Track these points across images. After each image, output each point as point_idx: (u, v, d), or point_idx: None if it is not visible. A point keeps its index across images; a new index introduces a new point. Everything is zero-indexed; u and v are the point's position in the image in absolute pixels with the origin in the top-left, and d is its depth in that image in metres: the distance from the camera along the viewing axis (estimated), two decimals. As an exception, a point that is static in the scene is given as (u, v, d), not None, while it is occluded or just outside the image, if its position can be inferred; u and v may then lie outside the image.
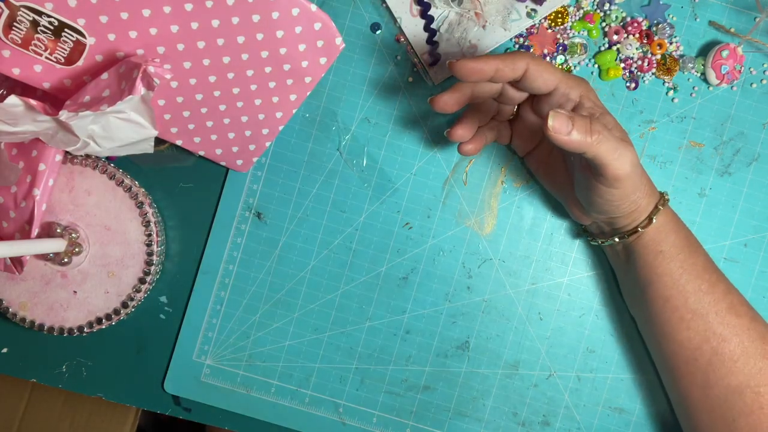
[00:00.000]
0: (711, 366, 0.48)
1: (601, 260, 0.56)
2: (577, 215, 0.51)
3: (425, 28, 0.53)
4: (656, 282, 0.49)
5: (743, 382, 0.47)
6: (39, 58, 0.43)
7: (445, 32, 0.52)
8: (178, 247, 0.57)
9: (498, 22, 0.52)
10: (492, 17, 0.51)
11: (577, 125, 0.41)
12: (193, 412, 0.58)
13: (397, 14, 0.52)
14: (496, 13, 0.51)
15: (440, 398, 0.56)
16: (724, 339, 0.47)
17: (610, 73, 0.54)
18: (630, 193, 0.45)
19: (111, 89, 0.43)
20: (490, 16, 0.51)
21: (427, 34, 0.53)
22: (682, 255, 0.48)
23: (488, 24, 0.52)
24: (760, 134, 0.54)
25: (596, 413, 0.56)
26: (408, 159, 0.56)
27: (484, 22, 0.51)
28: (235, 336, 0.57)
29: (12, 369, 0.58)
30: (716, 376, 0.47)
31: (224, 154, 0.53)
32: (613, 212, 0.47)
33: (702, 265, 0.48)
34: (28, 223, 0.49)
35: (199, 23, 0.44)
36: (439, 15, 0.52)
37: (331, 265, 0.56)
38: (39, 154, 0.49)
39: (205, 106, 0.49)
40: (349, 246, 0.56)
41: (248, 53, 0.47)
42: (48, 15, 0.42)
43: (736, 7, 0.53)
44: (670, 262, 0.48)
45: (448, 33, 0.52)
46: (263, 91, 0.50)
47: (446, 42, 0.53)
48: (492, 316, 0.56)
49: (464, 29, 0.52)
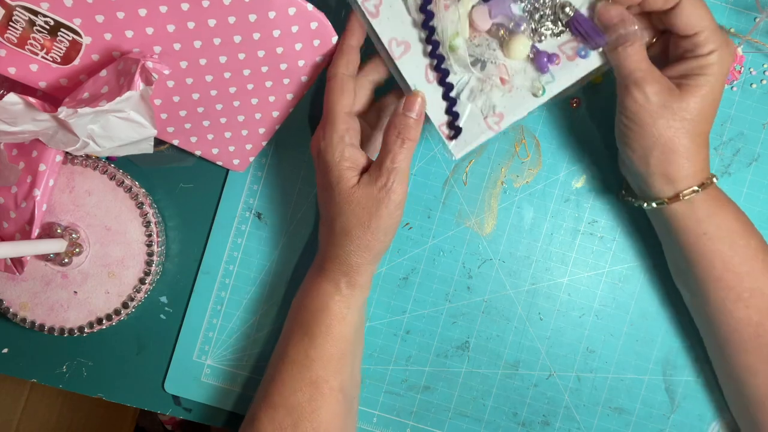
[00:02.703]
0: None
1: (602, 260, 0.56)
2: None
3: (444, 97, 0.46)
4: (704, 263, 0.48)
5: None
6: (35, 58, 0.43)
7: (466, 99, 0.46)
8: (178, 247, 0.57)
9: (527, 86, 0.46)
10: (520, 81, 0.45)
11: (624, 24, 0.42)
12: (193, 412, 0.58)
13: (411, 81, 0.46)
14: (525, 77, 0.45)
15: (440, 398, 0.56)
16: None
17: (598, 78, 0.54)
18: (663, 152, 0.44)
19: (109, 85, 0.43)
20: (516, 80, 0.45)
21: (446, 103, 0.46)
22: (731, 237, 0.47)
23: (515, 89, 0.46)
24: (760, 134, 0.54)
25: (596, 413, 0.56)
26: (408, 159, 0.56)
27: (511, 87, 0.45)
28: (236, 336, 0.57)
29: (12, 369, 0.58)
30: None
31: (221, 154, 0.53)
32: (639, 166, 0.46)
33: (756, 245, 0.47)
34: (29, 223, 0.49)
35: (195, 23, 0.44)
36: (458, 81, 0.46)
37: (332, 265, 0.56)
38: (39, 154, 0.49)
39: (202, 106, 0.49)
40: (350, 246, 0.56)
41: (245, 52, 0.47)
42: (44, 15, 0.42)
43: (736, 7, 0.53)
44: (718, 244, 0.47)
45: (469, 100, 0.46)
46: (260, 91, 0.50)
47: (467, 111, 0.46)
48: (492, 316, 0.56)
49: (487, 96, 0.46)
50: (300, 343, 0.49)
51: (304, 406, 0.48)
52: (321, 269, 0.49)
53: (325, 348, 0.48)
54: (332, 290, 0.48)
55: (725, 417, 0.55)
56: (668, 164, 0.45)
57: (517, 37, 0.45)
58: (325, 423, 0.48)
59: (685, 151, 0.45)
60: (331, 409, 0.48)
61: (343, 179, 0.45)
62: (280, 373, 0.49)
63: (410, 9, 0.44)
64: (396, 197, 0.45)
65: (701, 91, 0.44)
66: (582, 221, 0.55)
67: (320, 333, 0.48)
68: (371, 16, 0.43)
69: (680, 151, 0.45)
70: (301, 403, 0.48)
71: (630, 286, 0.56)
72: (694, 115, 0.44)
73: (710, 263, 0.47)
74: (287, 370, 0.49)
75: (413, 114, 0.45)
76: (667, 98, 0.44)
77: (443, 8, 0.43)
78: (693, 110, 0.44)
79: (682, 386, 0.56)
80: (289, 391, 0.48)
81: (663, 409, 0.56)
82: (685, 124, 0.44)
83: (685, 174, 0.46)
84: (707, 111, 0.44)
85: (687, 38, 0.44)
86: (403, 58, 0.45)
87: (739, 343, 0.48)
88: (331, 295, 0.48)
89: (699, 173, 0.46)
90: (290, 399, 0.48)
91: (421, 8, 0.43)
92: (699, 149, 0.45)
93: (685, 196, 0.46)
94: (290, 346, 0.49)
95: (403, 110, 0.45)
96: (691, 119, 0.44)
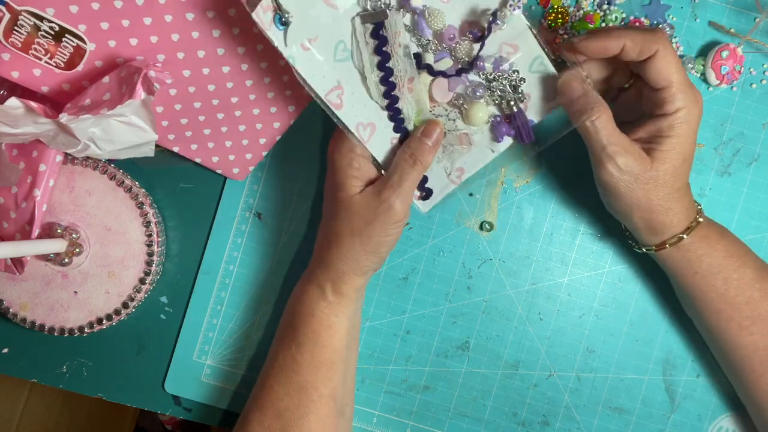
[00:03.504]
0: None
1: (601, 260, 0.56)
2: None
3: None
4: (701, 298, 0.49)
5: None
6: (39, 62, 0.43)
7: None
8: (178, 247, 0.57)
9: (485, 143, 0.48)
10: (479, 138, 0.48)
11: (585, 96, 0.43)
12: (193, 412, 0.58)
13: (380, 157, 0.47)
14: (483, 135, 0.48)
15: (440, 398, 0.56)
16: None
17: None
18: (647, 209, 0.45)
19: (111, 93, 0.43)
20: (476, 138, 0.48)
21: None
22: (724, 273, 0.47)
23: (475, 146, 0.48)
24: (760, 134, 0.54)
25: (596, 413, 0.56)
26: (408, 159, 0.56)
27: (469, 144, 0.48)
28: (236, 336, 0.57)
29: (12, 369, 0.58)
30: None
31: (221, 162, 0.53)
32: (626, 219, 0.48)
33: (752, 276, 0.48)
34: (29, 223, 0.49)
35: (200, 32, 0.44)
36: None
37: (332, 265, 0.56)
38: (39, 154, 0.49)
39: (203, 114, 0.49)
40: (350, 246, 0.56)
41: (247, 63, 0.47)
42: (49, 20, 0.42)
43: (736, 8, 0.53)
44: (711, 280, 0.48)
45: (434, 162, 0.48)
46: (261, 101, 0.50)
47: (433, 172, 0.49)
48: (492, 316, 0.56)
49: (450, 158, 0.48)
50: (288, 348, 0.49)
51: (293, 411, 0.48)
52: (310, 273, 0.50)
53: (312, 354, 0.48)
54: (318, 295, 0.48)
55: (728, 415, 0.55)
56: (650, 221, 0.47)
57: (477, 104, 0.46)
58: (313, 429, 0.48)
59: (665, 209, 0.46)
60: (321, 415, 0.48)
61: (346, 185, 0.45)
62: (269, 377, 0.49)
63: (372, 94, 0.44)
64: (395, 214, 0.45)
65: (670, 155, 0.44)
66: (582, 221, 0.55)
67: (307, 340, 0.48)
68: (336, 107, 0.43)
69: (660, 210, 0.46)
70: (289, 407, 0.48)
71: (630, 286, 0.56)
72: (668, 178, 0.45)
73: (707, 297, 0.48)
74: (276, 374, 0.49)
75: (430, 141, 0.45)
76: (639, 168, 0.44)
77: (407, 91, 0.44)
78: (666, 174, 0.45)
79: (682, 386, 0.56)
80: (277, 395, 0.48)
81: (663, 409, 0.56)
82: (661, 188, 0.45)
83: (669, 224, 0.47)
84: (681, 169, 0.45)
85: (657, 91, 0.44)
86: (372, 139, 0.46)
87: (753, 368, 0.49)
88: (317, 301, 0.48)
89: (683, 221, 0.47)
90: (279, 404, 0.48)
91: (386, 94, 0.44)
92: (679, 201, 0.46)
93: (671, 244, 0.47)
94: (279, 351, 0.50)
95: (421, 135, 0.46)
96: (665, 182, 0.45)
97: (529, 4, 0.54)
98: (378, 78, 0.44)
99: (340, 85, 0.43)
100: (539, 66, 0.45)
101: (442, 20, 0.43)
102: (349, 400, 0.52)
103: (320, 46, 0.41)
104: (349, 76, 0.43)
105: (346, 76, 0.43)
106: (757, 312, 0.47)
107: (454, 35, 0.44)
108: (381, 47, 0.42)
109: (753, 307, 0.47)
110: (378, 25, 0.42)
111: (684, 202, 0.46)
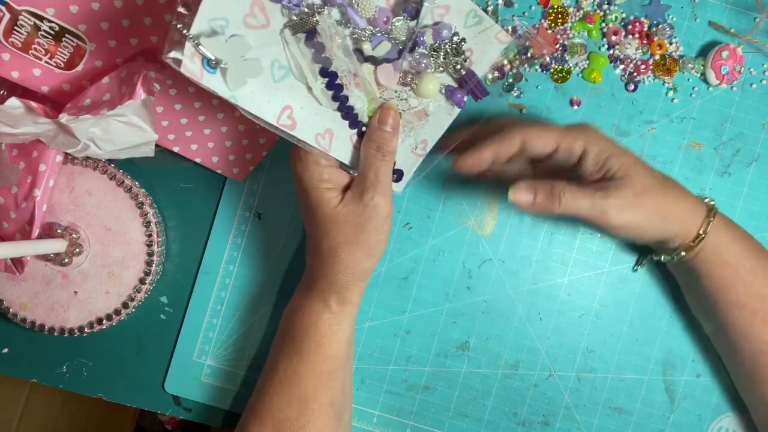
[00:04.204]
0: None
1: (601, 260, 0.56)
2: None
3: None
4: (728, 290, 0.48)
5: None
6: (38, 62, 0.43)
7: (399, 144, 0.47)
8: (178, 247, 0.57)
9: (442, 109, 0.48)
10: (434, 107, 0.47)
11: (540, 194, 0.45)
12: (193, 412, 0.58)
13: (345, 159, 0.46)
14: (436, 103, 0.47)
15: (440, 398, 0.56)
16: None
17: (592, 75, 0.54)
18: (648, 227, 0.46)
19: (111, 93, 0.43)
20: (431, 108, 0.47)
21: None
22: (749, 261, 0.48)
23: (432, 115, 0.47)
24: (760, 134, 0.54)
25: (596, 413, 0.56)
26: (408, 159, 0.56)
27: (426, 116, 0.47)
28: (236, 336, 0.57)
29: (12, 369, 0.58)
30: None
31: (220, 162, 0.53)
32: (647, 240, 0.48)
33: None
34: (29, 223, 0.49)
35: None
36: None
37: (332, 265, 0.56)
38: (39, 154, 0.49)
39: (203, 114, 0.49)
40: (350, 246, 0.56)
41: None
42: (49, 20, 0.42)
43: (736, 8, 0.53)
44: (739, 271, 0.48)
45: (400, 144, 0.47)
46: None
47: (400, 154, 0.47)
48: (492, 316, 0.56)
49: (413, 133, 0.47)
50: (290, 360, 0.49)
51: (293, 421, 0.48)
52: (310, 288, 0.49)
53: (315, 365, 0.48)
54: (322, 308, 0.48)
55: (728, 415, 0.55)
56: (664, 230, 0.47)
57: (426, 76, 0.45)
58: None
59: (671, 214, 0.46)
60: (320, 423, 0.48)
61: (324, 201, 0.45)
62: (268, 389, 0.49)
63: (321, 101, 0.43)
64: (382, 211, 0.44)
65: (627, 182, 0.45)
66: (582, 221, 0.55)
67: (310, 351, 0.48)
68: (290, 128, 0.42)
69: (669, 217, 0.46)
70: (289, 418, 0.48)
71: (630, 286, 0.56)
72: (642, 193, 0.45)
73: (735, 291, 0.48)
74: (276, 387, 0.49)
75: (388, 127, 0.45)
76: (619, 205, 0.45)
77: (354, 86, 0.43)
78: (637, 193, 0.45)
79: (682, 386, 0.56)
80: (278, 407, 0.48)
81: (663, 409, 0.56)
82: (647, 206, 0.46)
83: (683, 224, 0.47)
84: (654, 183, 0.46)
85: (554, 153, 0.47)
86: (332, 145, 0.44)
87: (765, 366, 0.49)
88: (320, 314, 0.48)
89: (697, 213, 0.47)
90: (279, 415, 0.48)
91: (335, 97, 0.43)
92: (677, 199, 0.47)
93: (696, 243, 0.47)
94: (280, 363, 0.49)
95: (378, 124, 0.45)
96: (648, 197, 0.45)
97: (529, 4, 0.54)
98: (323, 84, 0.42)
99: (287, 104, 0.41)
100: (474, 19, 0.45)
101: (372, 5, 0.42)
102: (348, 404, 0.52)
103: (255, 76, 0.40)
104: (293, 93, 0.42)
105: (290, 93, 0.41)
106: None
107: (387, 17, 0.43)
108: (319, 54, 0.41)
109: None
110: (310, 33, 0.40)
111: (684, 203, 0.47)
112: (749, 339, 0.49)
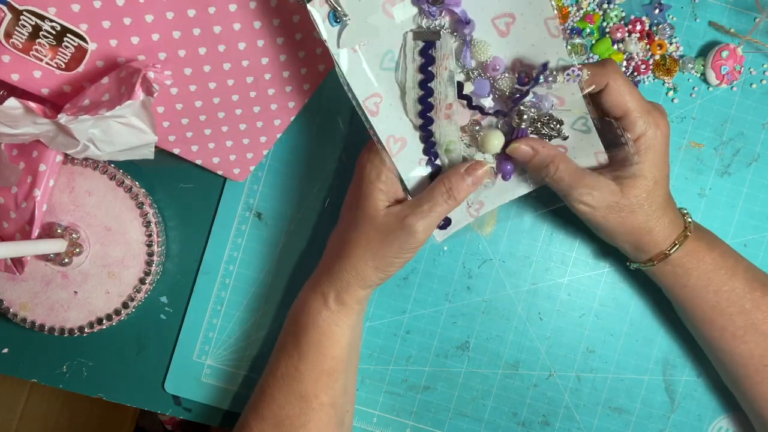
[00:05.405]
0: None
1: (601, 260, 0.56)
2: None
3: (432, 178, 0.47)
4: (693, 310, 0.49)
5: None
6: (39, 64, 0.43)
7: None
8: (178, 247, 0.57)
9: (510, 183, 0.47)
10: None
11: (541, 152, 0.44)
12: (193, 412, 0.58)
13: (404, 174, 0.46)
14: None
15: (440, 398, 0.56)
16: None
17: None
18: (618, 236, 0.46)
19: (110, 93, 0.43)
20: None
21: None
22: (714, 284, 0.47)
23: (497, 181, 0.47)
24: (760, 134, 0.54)
25: (596, 413, 0.56)
26: (408, 159, 0.56)
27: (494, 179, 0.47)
28: (236, 336, 0.57)
29: (12, 369, 0.58)
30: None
31: (221, 163, 0.53)
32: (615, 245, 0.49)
33: (742, 286, 0.48)
34: (29, 223, 0.49)
35: (201, 29, 0.44)
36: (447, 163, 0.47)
37: (332, 265, 0.56)
38: (39, 155, 0.48)
39: (204, 114, 0.49)
40: (350, 246, 0.56)
41: (248, 60, 0.47)
42: (51, 19, 0.41)
43: (736, 8, 0.53)
44: (702, 292, 0.48)
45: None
46: (262, 99, 0.50)
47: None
48: (492, 316, 0.56)
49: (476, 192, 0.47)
50: (290, 357, 0.49)
51: (293, 420, 0.48)
52: (315, 281, 0.49)
53: (315, 364, 0.48)
54: (320, 304, 0.48)
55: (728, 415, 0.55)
56: (633, 243, 0.47)
57: (495, 132, 0.45)
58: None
59: (646, 230, 0.46)
60: (321, 423, 0.48)
61: (371, 197, 0.45)
62: (270, 386, 0.49)
63: (408, 111, 0.44)
64: (415, 241, 0.44)
65: (639, 182, 0.44)
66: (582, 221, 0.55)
67: (309, 349, 0.48)
68: (371, 114, 0.43)
69: (641, 232, 0.46)
70: (290, 416, 0.48)
71: (630, 286, 0.56)
72: (642, 202, 0.45)
73: (699, 309, 0.48)
74: (277, 383, 0.49)
75: (470, 179, 0.44)
76: (609, 200, 0.45)
77: (443, 116, 0.44)
78: (639, 200, 0.45)
79: (682, 386, 0.56)
80: (278, 404, 0.48)
81: (663, 409, 0.56)
82: (636, 213, 0.45)
83: (653, 243, 0.47)
84: (654, 192, 0.45)
85: (619, 120, 0.44)
86: (400, 154, 0.45)
87: (749, 376, 0.49)
88: (319, 310, 0.48)
89: (667, 238, 0.47)
90: (279, 412, 0.48)
91: (421, 114, 0.44)
92: (659, 220, 0.46)
93: (658, 261, 0.47)
94: (281, 359, 0.49)
95: (464, 172, 0.44)
96: (639, 207, 0.45)
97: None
98: (417, 96, 0.43)
99: (380, 93, 0.43)
100: (583, 126, 0.45)
101: (486, 52, 0.43)
102: (350, 408, 0.52)
103: (368, 52, 0.41)
104: (389, 87, 0.43)
105: (387, 86, 0.43)
106: (750, 321, 0.47)
107: (499, 67, 0.43)
108: (427, 66, 0.42)
109: (745, 317, 0.47)
110: (428, 45, 0.42)
111: (664, 220, 0.46)
112: (724, 352, 0.49)
